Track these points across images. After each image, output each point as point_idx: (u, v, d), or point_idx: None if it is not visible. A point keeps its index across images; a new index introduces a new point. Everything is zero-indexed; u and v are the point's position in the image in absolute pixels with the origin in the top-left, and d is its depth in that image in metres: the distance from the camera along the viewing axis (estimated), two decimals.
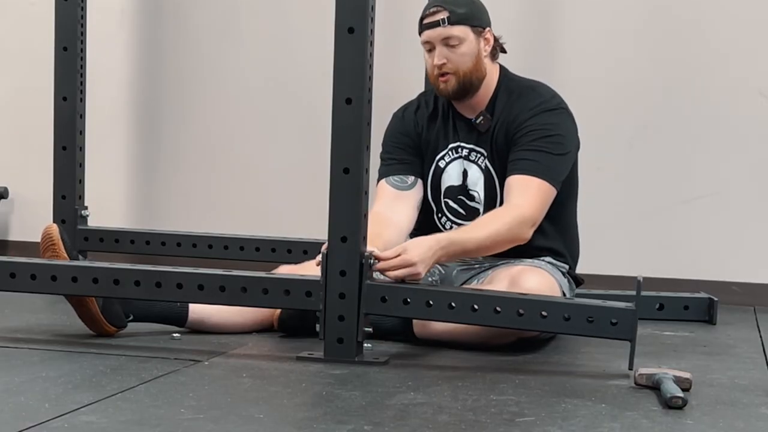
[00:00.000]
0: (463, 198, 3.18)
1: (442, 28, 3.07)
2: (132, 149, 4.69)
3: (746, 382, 2.67)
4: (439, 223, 3.22)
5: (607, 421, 2.21)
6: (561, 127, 3.10)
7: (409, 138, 3.22)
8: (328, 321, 2.73)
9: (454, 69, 3.09)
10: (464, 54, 3.09)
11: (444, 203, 3.21)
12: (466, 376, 2.64)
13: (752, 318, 3.85)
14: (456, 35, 3.07)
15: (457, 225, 3.18)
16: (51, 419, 2.08)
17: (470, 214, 3.17)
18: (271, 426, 2.10)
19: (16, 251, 4.53)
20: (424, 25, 3.10)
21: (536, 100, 3.11)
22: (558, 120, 3.10)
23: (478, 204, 3.16)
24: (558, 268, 3.15)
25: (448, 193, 3.20)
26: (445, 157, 3.20)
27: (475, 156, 3.16)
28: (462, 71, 3.09)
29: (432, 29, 3.08)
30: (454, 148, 3.19)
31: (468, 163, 3.17)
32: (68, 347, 2.84)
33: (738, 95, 4.18)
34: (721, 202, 4.20)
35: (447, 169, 3.20)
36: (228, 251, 4.03)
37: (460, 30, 3.08)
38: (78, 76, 3.99)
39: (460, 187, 3.18)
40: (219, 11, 4.58)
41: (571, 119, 3.15)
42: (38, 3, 4.61)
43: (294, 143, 4.51)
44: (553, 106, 3.12)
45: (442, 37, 3.08)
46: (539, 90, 3.17)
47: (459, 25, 3.08)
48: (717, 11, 4.19)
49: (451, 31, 3.07)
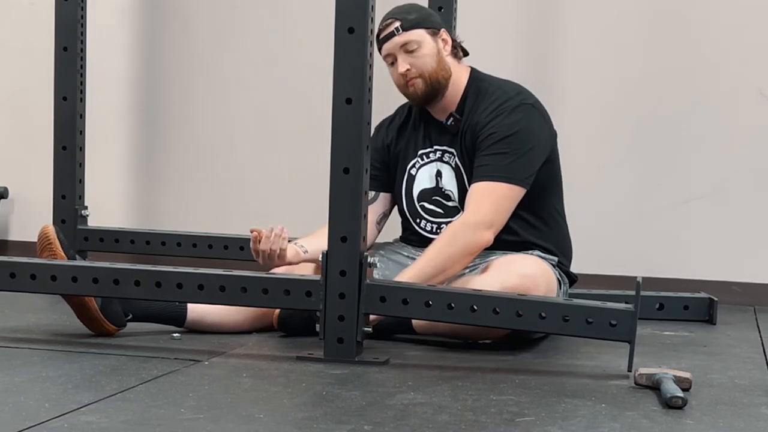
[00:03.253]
0: (438, 198, 3.22)
1: (398, 36, 3.12)
2: (132, 149, 4.69)
3: (746, 382, 2.67)
4: (418, 228, 3.25)
5: (607, 421, 2.21)
6: (521, 123, 3.10)
7: (376, 152, 3.26)
8: (328, 321, 2.73)
9: (419, 72, 3.13)
10: (425, 56, 3.13)
11: (420, 207, 3.24)
12: (466, 376, 2.64)
13: (752, 318, 3.85)
14: (413, 39, 3.12)
15: (436, 224, 3.21)
16: (51, 419, 2.08)
17: (448, 212, 3.20)
18: (271, 426, 2.10)
19: (16, 251, 4.54)
20: (381, 40, 3.15)
21: (498, 101, 3.13)
22: (518, 117, 3.11)
23: (454, 202, 3.20)
24: (548, 261, 3.16)
25: (421, 196, 3.23)
26: (416, 164, 3.25)
27: (448, 157, 3.20)
28: (427, 72, 3.13)
29: (389, 40, 3.14)
30: (425, 154, 3.23)
31: (442, 164, 3.21)
32: (68, 347, 2.84)
33: (738, 95, 4.18)
34: (721, 202, 4.20)
35: (418, 175, 3.24)
36: (228, 251, 4.03)
37: (415, 34, 3.13)
38: (78, 76, 3.99)
39: (434, 189, 3.22)
40: (219, 11, 4.58)
41: (535, 113, 3.15)
42: (38, 3, 4.62)
43: (294, 143, 4.51)
44: (515, 104, 3.12)
45: (399, 45, 3.13)
46: (504, 88, 3.18)
47: (413, 29, 3.13)
48: (717, 11, 4.19)
49: (407, 37, 3.12)
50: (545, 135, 3.16)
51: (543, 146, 3.14)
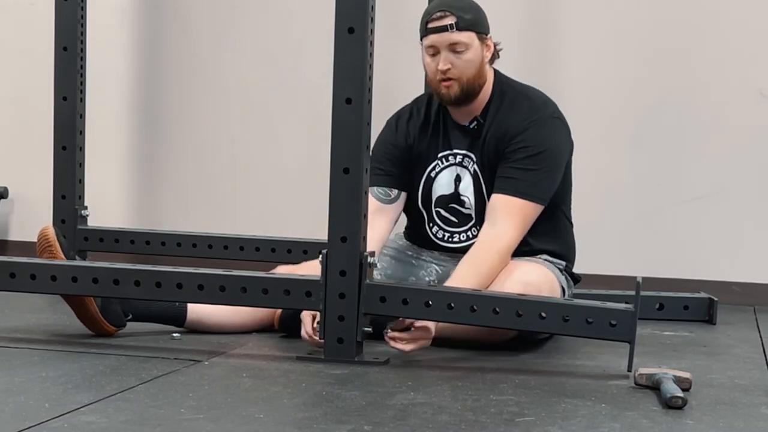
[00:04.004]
0: (454, 206, 3.18)
1: (450, 33, 3.03)
2: (132, 149, 4.69)
3: (746, 382, 2.67)
4: (429, 232, 3.23)
5: (607, 421, 2.21)
6: (552, 139, 3.08)
7: (398, 150, 3.20)
8: (328, 321, 2.73)
9: (458, 75, 3.05)
10: (469, 60, 3.05)
11: (435, 213, 3.20)
12: (466, 376, 2.64)
13: (752, 318, 3.85)
14: (463, 41, 3.04)
15: (448, 233, 3.19)
16: (51, 419, 2.08)
17: (462, 220, 3.17)
18: (271, 426, 2.10)
19: (16, 251, 4.53)
20: (430, 29, 3.05)
21: (528, 111, 3.09)
22: (549, 132, 3.08)
23: (469, 209, 3.16)
24: (555, 265, 3.16)
25: (438, 202, 3.20)
26: (436, 167, 3.19)
27: (467, 161, 3.15)
28: (466, 78, 3.06)
29: (438, 34, 3.04)
30: (445, 157, 3.18)
31: (461, 168, 3.16)
32: (68, 347, 2.84)
33: (738, 95, 4.18)
34: (721, 203, 4.20)
35: (437, 179, 3.19)
36: (228, 251, 4.03)
37: (467, 36, 3.04)
38: (78, 76, 3.99)
39: (451, 195, 3.18)
40: (219, 11, 4.58)
41: (563, 128, 3.14)
42: (38, 3, 4.62)
43: (294, 143, 4.51)
44: (545, 117, 3.09)
45: (448, 43, 3.03)
46: (531, 97, 3.15)
47: (466, 31, 3.04)
48: (717, 11, 4.19)
49: (458, 37, 3.03)
50: (568, 150, 3.15)
51: (566, 162, 3.15)
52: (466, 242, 3.16)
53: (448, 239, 3.20)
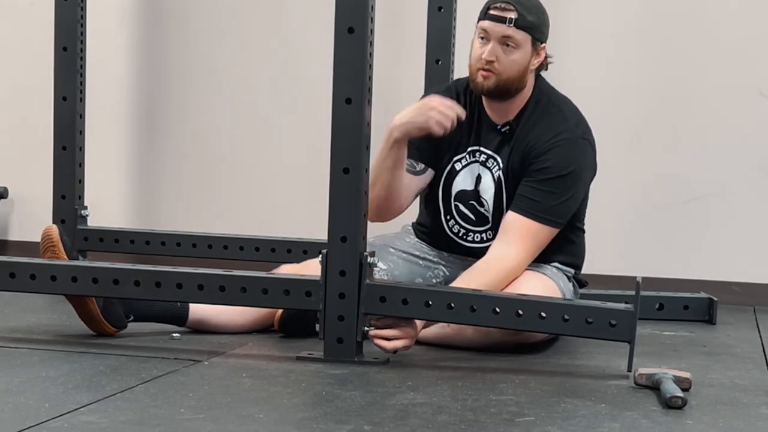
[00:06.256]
0: (474, 203, 3.15)
1: (507, 26, 2.98)
2: (132, 149, 4.69)
3: (746, 382, 2.67)
4: (446, 226, 3.19)
5: (607, 421, 2.21)
6: (576, 162, 3.05)
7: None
8: (328, 321, 2.73)
9: (499, 70, 3.01)
10: (515, 61, 3.01)
11: (454, 206, 3.17)
12: (466, 376, 2.64)
13: (752, 318, 3.85)
14: (517, 39, 2.99)
15: (464, 229, 3.17)
16: (51, 419, 2.08)
17: (480, 219, 3.14)
18: (271, 426, 2.10)
19: (16, 251, 4.53)
20: (489, 15, 3.00)
21: (558, 128, 3.05)
22: (575, 155, 3.05)
23: (487, 212, 3.13)
24: (564, 272, 3.15)
25: (459, 197, 3.16)
26: (462, 160, 3.14)
27: (491, 163, 3.12)
28: (505, 76, 3.02)
29: (496, 23, 2.99)
30: (472, 152, 3.14)
31: (483, 168, 3.12)
32: (68, 347, 2.84)
33: (738, 95, 4.18)
34: (721, 202, 4.20)
35: (461, 173, 3.15)
36: (228, 251, 4.03)
37: (522, 36, 3.00)
38: (78, 76, 3.99)
39: (473, 192, 3.14)
40: (219, 11, 4.58)
41: (590, 150, 3.11)
42: (38, 3, 4.61)
43: (294, 143, 4.51)
44: (574, 138, 3.06)
45: (502, 35, 2.99)
46: (564, 111, 3.10)
47: (523, 31, 3.00)
48: (717, 11, 4.19)
49: (513, 34, 2.99)
50: (591, 175, 3.14)
51: (588, 184, 3.14)
52: (480, 244, 3.14)
53: (464, 236, 3.17)
